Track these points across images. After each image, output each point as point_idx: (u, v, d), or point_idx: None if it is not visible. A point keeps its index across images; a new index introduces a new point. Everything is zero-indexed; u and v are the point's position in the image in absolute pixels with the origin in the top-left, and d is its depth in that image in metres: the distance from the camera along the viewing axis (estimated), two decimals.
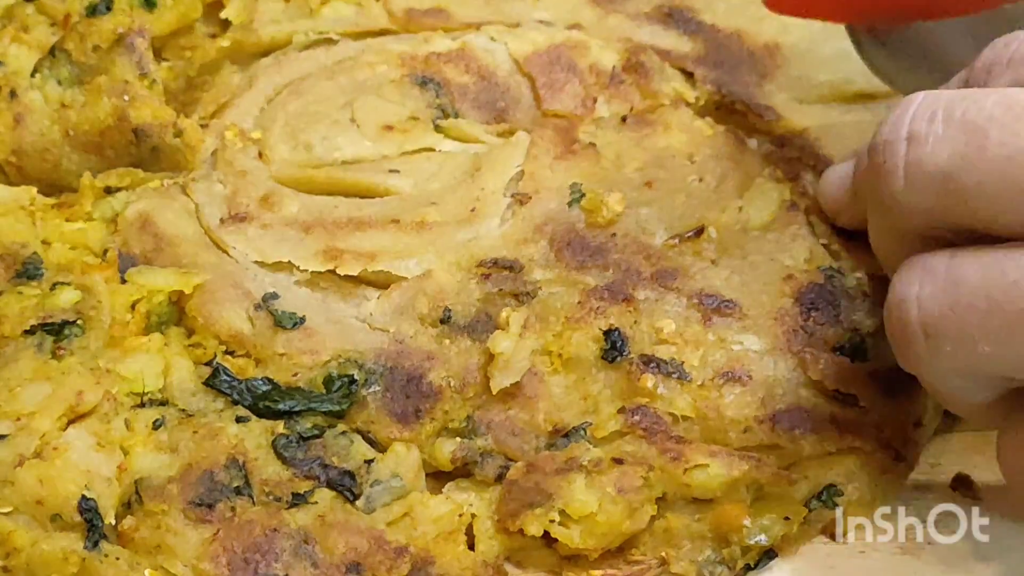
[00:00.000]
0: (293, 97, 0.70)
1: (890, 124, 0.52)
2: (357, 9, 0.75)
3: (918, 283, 0.49)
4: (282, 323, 0.60)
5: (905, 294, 0.50)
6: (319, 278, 0.62)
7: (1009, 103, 0.48)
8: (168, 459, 0.55)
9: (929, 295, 0.49)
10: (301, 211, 0.65)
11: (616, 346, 0.58)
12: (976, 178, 0.48)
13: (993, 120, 0.48)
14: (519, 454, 0.57)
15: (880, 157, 0.52)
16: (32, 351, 0.57)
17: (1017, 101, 0.48)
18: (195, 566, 0.52)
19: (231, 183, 0.66)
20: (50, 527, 0.53)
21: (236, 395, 0.58)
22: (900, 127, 0.51)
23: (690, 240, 0.63)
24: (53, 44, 0.68)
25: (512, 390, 0.58)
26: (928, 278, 0.49)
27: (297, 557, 0.53)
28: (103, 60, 0.67)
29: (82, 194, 0.65)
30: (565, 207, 0.64)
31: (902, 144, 0.51)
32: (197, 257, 0.62)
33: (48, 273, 0.61)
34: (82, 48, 0.68)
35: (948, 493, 0.56)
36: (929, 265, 0.49)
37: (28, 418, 0.55)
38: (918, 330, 0.49)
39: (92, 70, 0.67)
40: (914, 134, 0.50)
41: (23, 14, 0.72)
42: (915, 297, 0.49)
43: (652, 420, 0.57)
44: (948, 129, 0.49)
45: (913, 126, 0.50)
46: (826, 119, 0.70)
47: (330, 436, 0.56)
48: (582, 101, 0.69)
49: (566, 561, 0.55)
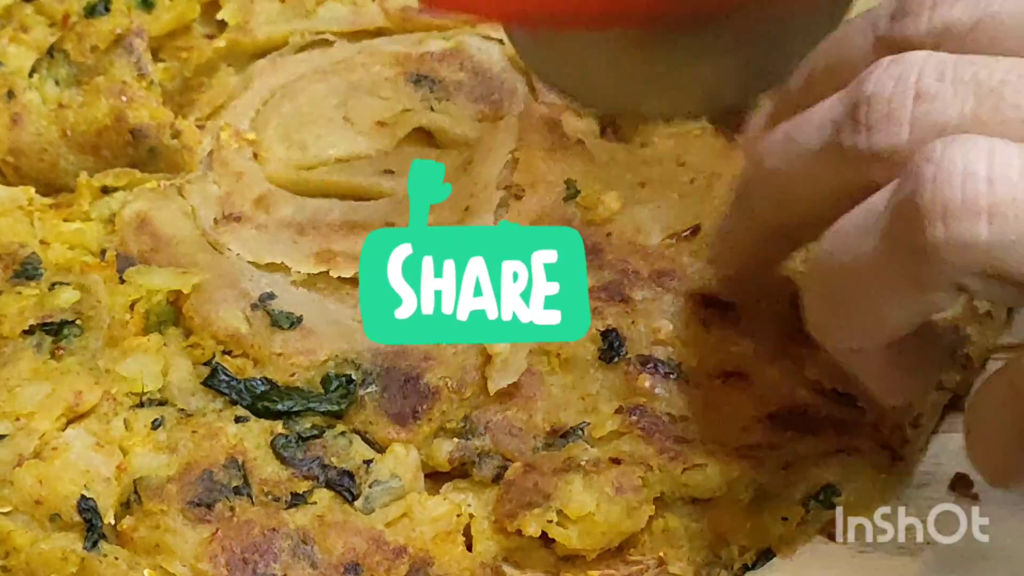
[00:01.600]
0: (288, 99, 0.70)
1: (887, 76, 0.47)
2: (353, 8, 0.75)
3: (986, 162, 0.44)
4: (279, 323, 0.60)
5: (973, 169, 0.44)
6: (315, 278, 0.62)
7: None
8: (167, 459, 0.55)
9: (1003, 176, 0.43)
10: (295, 213, 0.65)
11: (613, 346, 0.58)
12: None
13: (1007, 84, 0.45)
14: (517, 454, 0.57)
15: (880, 107, 0.47)
16: (31, 351, 0.57)
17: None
18: (194, 566, 0.52)
19: (226, 184, 0.66)
20: (49, 527, 0.52)
21: (235, 395, 0.58)
22: (906, 80, 0.47)
23: (686, 239, 0.63)
24: (51, 44, 0.68)
25: (510, 390, 0.58)
26: (1000, 160, 0.44)
27: (296, 557, 0.53)
28: (101, 61, 0.67)
29: (79, 194, 0.65)
30: (560, 202, 0.64)
31: (908, 97, 0.47)
32: (194, 257, 0.62)
33: (47, 273, 0.61)
34: (80, 49, 0.67)
35: (948, 493, 0.56)
36: (998, 147, 0.44)
37: (27, 418, 0.55)
38: (982, 210, 0.43)
39: (90, 71, 0.67)
40: (923, 91, 0.46)
41: (22, 14, 0.71)
42: (985, 176, 0.43)
43: (650, 420, 0.57)
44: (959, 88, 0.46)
45: (922, 83, 0.46)
46: None
47: (329, 436, 0.56)
48: None
49: (564, 561, 0.55)
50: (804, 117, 0.51)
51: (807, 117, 0.50)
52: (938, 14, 0.48)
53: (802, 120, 0.51)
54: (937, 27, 0.48)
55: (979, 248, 0.43)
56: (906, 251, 0.45)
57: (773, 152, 0.52)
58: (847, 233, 0.48)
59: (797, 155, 0.51)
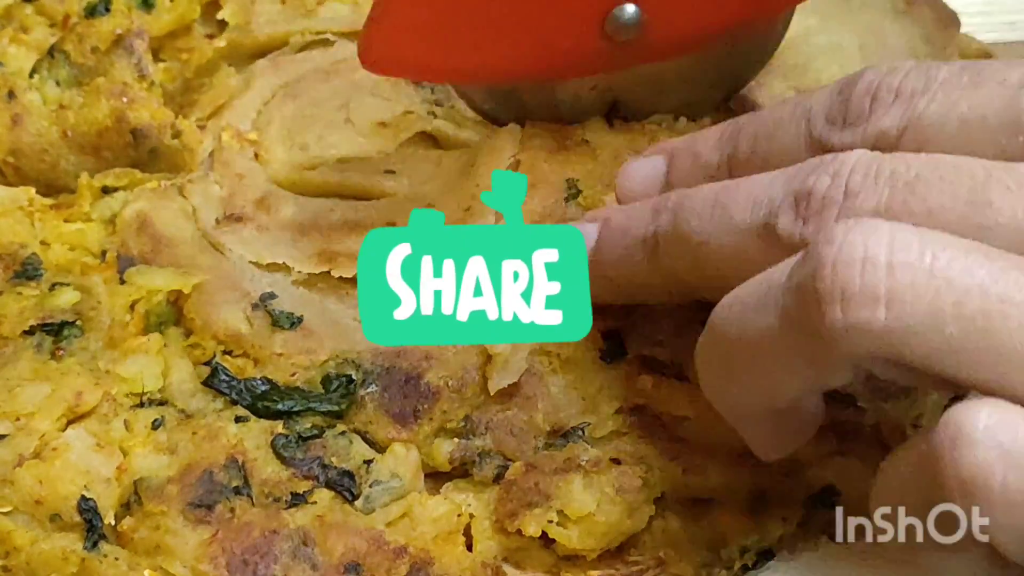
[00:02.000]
0: (289, 99, 0.70)
1: (824, 174, 0.48)
2: (354, 7, 0.75)
3: (886, 247, 0.44)
4: (280, 323, 0.60)
5: (873, 253, 0.44)
6: (316, 278, 0.62)
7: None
8: (167, 459, 0.55)
9: (902, 262, 0.44)
10: (297, 213, 0.65)
11: (615, 347, 0.58)
12: None
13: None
14: (517, 454, 0.57)
15: (816, 203, 0.48)
16: (31, 351, 0.57)
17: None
18: (194, 567, 0.52)
19: (228, 185, 0.66)
20: (49, 527, 0.52)
21: (235, 395, 0.57)
22: (840, 177, 0.48)
23: None
24: (52, 45, 0.68)
25: (510, 390, 0.58)
26: (900, 246, 0.44)
27: (296, 559, 0.53)
28: (102, 62, 0.67)
29: (80, 194, 0.65)
30: (562, 203, 0.64)
31: (840, 193, 0.48)
32: (195, 258, 0.62)
33: (47, 274, 0.61)
34: (81, 49, 0.67)
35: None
36: (898, 233, 0.44)
37: (27, 418, 0.55)
38: (881, 296, 0.44)
39: (91, 71, 0.67)
40: (851, 189, 0.47)
41: (22, 14, 0.71)
42: (885, 261, 0.44)
43: (651, 421, 0.57)
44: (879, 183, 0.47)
45: (851, 180, 0.47)
46: None
47: (330, 436, 0.56)
48: None
49: (564, 561, 0.55)
50: (737, 189, 0.52)
51: (741, 190, 0.51)
52: (872, 124, 0.50)
53: (735, 192, 0.51)
54: (870, 136, 0.50)
55: (877, 334, 0.44)
56: (804, 333, 0.45)
57: (701, 216, 0.52)
58: (745, 304, 0.48)
59: (727, 227, 0.51)
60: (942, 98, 0.49)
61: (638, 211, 0.56)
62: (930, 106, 0.49)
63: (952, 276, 0.43)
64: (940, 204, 0.46)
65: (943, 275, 0.43)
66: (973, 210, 0.45)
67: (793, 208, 0.49)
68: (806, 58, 0.73)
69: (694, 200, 0.53)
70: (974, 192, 0.46)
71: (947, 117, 0.49)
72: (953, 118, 0.49)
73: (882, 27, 0.74)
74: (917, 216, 0.46)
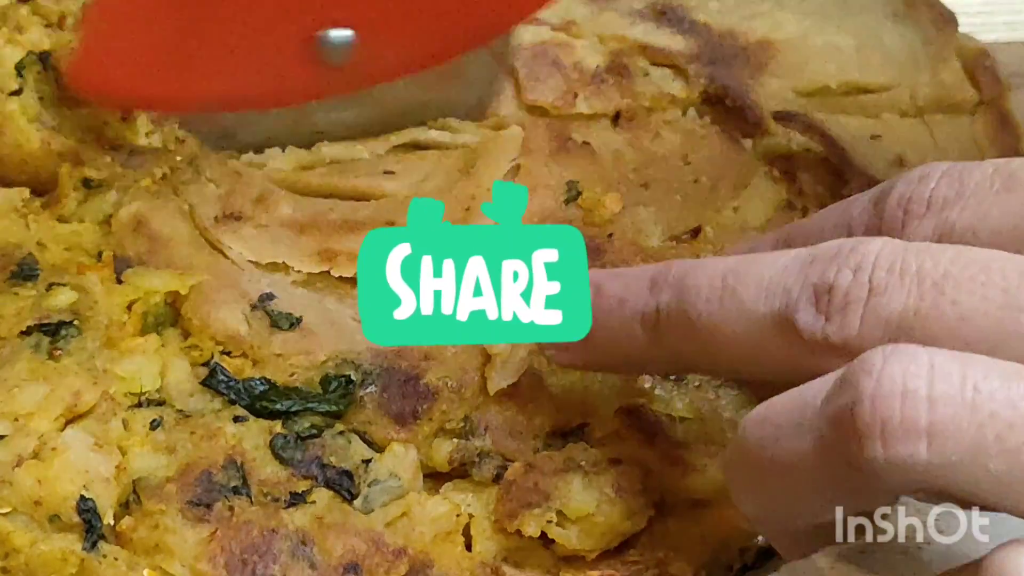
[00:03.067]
0: None
1: (846, 267, 0.47)
2: None
3: (926, 378, 0.43)
4: (279, 324, 0.60)
5: (913, 386, 0.43)
6: (315, 278, 0.62)
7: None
8: (166, 459, 0.55)
9: (943, 394, 0.42)
10: (296, 212, 0.65)
11: None
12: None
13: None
14: (517, 455, 0.57)
15: (838, 299, 0.46)
16: (29, 352, 0.57)
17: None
18: (193, 566, 0.52)
19: (225, 183, 0.66)
20: (49, 528, 0.52)
21: (233, 395, 0.57)
22: (863, 272, 0.46)
23: (687, 241, 0.63)
24: (46, 54, 0.68)
25: (510, 391, 0.58)
26: (940, 377, 0.43)
27: (295, 558, 0.53)
28: None
29: (61, 185, 0.65)
30: (562, 204, 0.64)
31: (864, 290, 0.46)
32: (192, 258, 0.62)
33: (44, 274, 0.61)
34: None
35: None
36: (938, 362, 0.43)
37: (26, 419, 0.54)
38: (922, 431, 0.42)
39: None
40: (875, 285, 0.46)
41: (17, 15, 0.71)
42: (925, 394, 0.42)
43: (650, 421, 0.57)
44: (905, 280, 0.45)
45: (875, 275, 0.46)
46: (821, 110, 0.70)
47: (328, 436, 0.56)
48: (562, 95, 0.70)
49: (564, 562, 0.55)
50: (748, 272, 0.49)
51: (752, 273, 0.49)
52: (906, 238, 0.49)
53: (745, 274, 0.49)
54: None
55: (919, 470, 0.42)
56: (842, 464, 0.44)
57: (709, 299, 0.50)
58: (778, 426, 0.46)
59: (738, 313, 0.49)
60: (974, 206, 0.48)
61: (634, 281, 0.53)
62: (962, 215, 0.48)
63: (995, 408, 0.42)
64: (972, 308, 0.44)
65: (986, 407, 0.42)
66: (1007, 315, 0.44)
67: (813, 302, 0.47)
68: (803, 59, 0.73)
69: (699, 278, 0.50)
70: (1008, 295, 0.44)
71: (979, 227, 0.48)
72: (985, 228, 0.48)
73: (880, 28, 0.75)
74: (949, 322, 0.44)
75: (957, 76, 0.73)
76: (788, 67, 0.72)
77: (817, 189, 0.67)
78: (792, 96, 0.71)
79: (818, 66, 0.72)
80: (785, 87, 0.71)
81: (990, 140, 0.70)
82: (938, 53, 0.73)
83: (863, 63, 0.73)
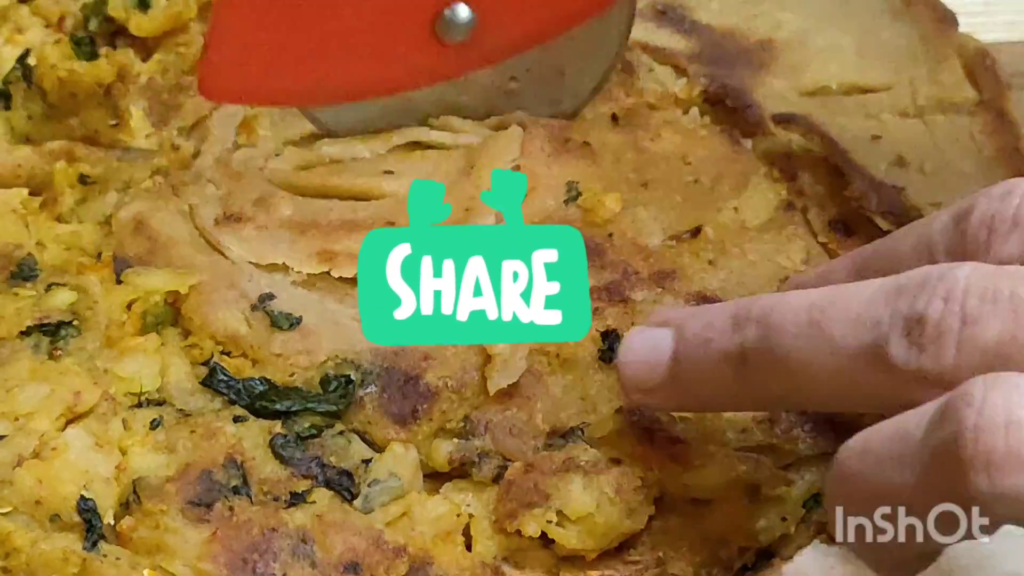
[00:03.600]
0: None
1: (937, 298, 0.46)
2: None
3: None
4: (279, 324, 0.60)
5: (1017, 416, 0.42)
6: (315, 279, 0.62)
7: None
8: (166, 459, 0.55)
9: None
10: (295, 213, 0.64)
11: (614, 347, 0.58)
12: None
13: None
14: (517, 454, 0.57)
15: (931, 331, 0.45)
16: (29, 352, 0.57)
17: None
18: (194, 566, 0.52)
19: (225, 184, 0.66)
20: (49, 527, 0.52)
21: (233, 395, 0.57)
22: (954, 302, 0.45)
23: (687, 241, 0.63)
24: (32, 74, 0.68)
25: (510, 391, 0.58)
26: None
27: (295, 557, 0.53)
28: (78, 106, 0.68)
29: (57, 183, 0.65)
30: (562, 205, 0.64)
31: (957, 320, 0.45)
32: (192, 259, 0.62)
33: (43, 274, 0.61)
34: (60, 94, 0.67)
35: None
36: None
37: (26, 418, 0.54)
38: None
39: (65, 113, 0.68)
40: (968, 315, 0.45)
41: (17, 15, 0.71)
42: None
43: (650, 421, 0.57)
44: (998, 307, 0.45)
45: (968, 304, 0.45)
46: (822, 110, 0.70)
47: (328, 436, 0.56)
48: None
49: (564, 561, 0.55)
50: (833, 306, 0.48)
51: (839, 307, 0.48)
52: (992, 257, 0.48)
53: (831, 308, 0.48)
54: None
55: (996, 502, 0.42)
56: (948, 496, 0.44)
57: (797, 336, 0.49)
58: (878, 456, 0.46)
59: (827, 349, 0.48)
60: None
61: (717, 319, 0.51)
62: None
63: None
64: None
65: None
66: None
67: (905, 335, 0.46)
68: (804, 59, 0.73)
69: (784, 314, 0.49)
70: None
71: None
72: None
73: (880, 28, 0.75)
74: None
75: (957, 76, 0.73)
76: (789, 67, 0.72)
77: (817, 189, 0.67)
78: (793, 96, 0.71)
79: (819, 66, 0.72)
80: (786, 87, 0.71)
81: (990, 140, 0.70)
82: (938, 53, 0.73)
83: (863, 63, 0.73)
